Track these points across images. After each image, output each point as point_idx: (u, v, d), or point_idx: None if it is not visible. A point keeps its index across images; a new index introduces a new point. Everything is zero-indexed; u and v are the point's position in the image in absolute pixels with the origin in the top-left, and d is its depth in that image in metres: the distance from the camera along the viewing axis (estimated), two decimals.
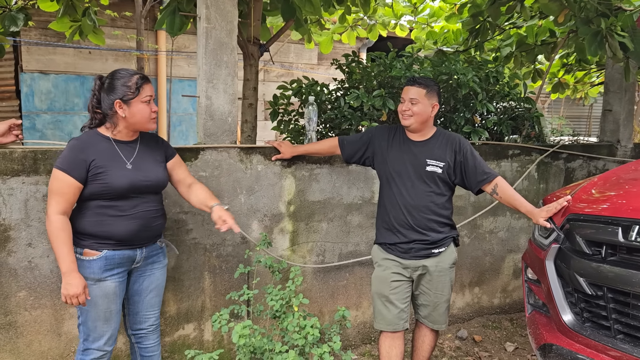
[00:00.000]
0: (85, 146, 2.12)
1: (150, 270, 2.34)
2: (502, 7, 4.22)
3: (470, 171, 2.58)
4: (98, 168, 2.10)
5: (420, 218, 2.54)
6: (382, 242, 2.66)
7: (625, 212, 2.07)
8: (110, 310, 2.19)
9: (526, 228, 3.91)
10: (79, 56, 7.01)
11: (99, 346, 2.20)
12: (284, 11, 3.73)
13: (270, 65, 8.16)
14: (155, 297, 2.39)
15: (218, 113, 2.80)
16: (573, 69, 6.10)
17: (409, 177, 2.56)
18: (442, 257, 2.59)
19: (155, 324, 2.42)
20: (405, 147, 2.61)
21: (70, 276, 2.05)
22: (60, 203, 2.06)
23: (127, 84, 2.13)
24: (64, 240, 2.06)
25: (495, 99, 3.90)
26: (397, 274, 2.59)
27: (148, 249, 2.29)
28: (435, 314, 2.65)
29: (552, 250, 2.36)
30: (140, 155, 2.25)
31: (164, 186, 2.33)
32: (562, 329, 2.24)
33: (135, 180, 2.16)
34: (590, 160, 4.15)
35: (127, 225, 2.16)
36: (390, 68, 3.60)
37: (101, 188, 2.11)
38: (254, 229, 2.96)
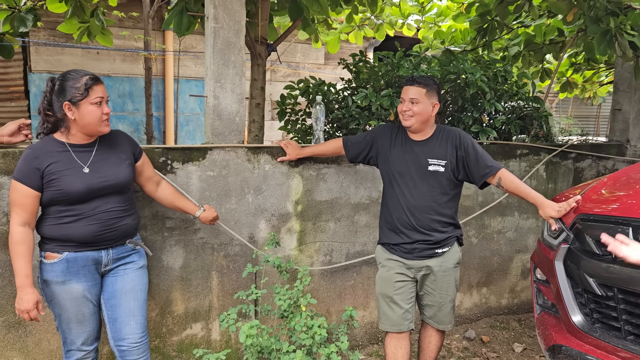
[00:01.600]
0: (38, 154, 2.08)
1: (122, 271, 2.27)
2: (510, 6, 4.20)
3: (472, 165, 2.53)
4: (52, 174, 2.06)
5: (423, 219, 2.53)
6: (385, 243, 2.65)
7: (636, 212, 2.06)
8: (82, 313, 2.16)
9: (534, 228, 3.89)
10: (87, 57, 7.04)
11: (78, 347, 2.20)
12: (291, 11, 3.73)
13: (277, 65, 8.16)
14: (133, 301, 2.27)
15: (226, 113, 2.81)
16: (582, 68, 6.06)
17: (411, 178, 2.54)
18: (446, 257, 2.57)
19: (140, 342, 2.27)
20: (407, 147, 2.59)
21: (22, 291, 2.04)
22: (20, 214, 2.06)
23: (76, 86, 2.07)
24: (22, 254, 2.04)
25: (504, 99, 3.88)
26: (401, 274, 2.58)
27: (115, 251, 2.23)
28: (440, 314, 2.64)
29: (561, 251, 2.34)
30: (100, 156, 2.19)
31: (127, 185, 2.26)
32: (572, 330, 2.23)
33: (92, 184, 2.11)
34: (600, 160, 4.11)
35: (86, 227, 2.12)
36: (397, 67, 3.59)
37: (56, 194, 2.08)
38: (262, 229, 2.97)
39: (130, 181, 2.29)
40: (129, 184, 2.29)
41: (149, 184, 2.45)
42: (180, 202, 2.53)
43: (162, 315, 2.79)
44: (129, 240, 2.29)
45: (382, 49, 7.84)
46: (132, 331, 2.25)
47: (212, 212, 2.61)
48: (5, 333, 2.46)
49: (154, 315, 2.77)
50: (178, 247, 2.77)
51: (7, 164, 2.36)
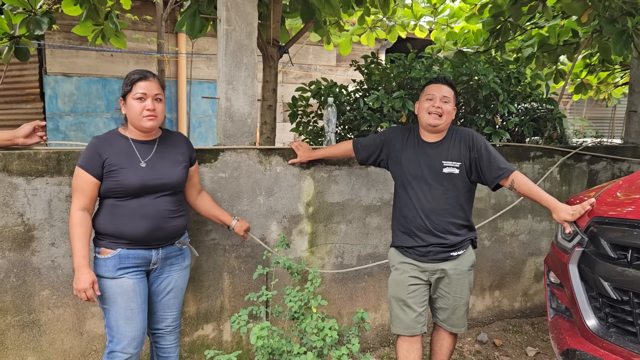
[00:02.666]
0: (102, 144, 2.20)
1: (168, 272, 2.36)
2: (523, 7, 4.18)
3: (485, 167, 2.49)
4: (112, 166, 2.16)
5: (439, 221, 2.50)
6: (399, 246, 2.61)
7: None
8: (130, 309, 2.21)
9: (548, 231, 3.85)
10: (101, 59, 7.11)
11: (122, 348, 2.21)
12: (303, 13, 3.73)
13: (289, 67, 8.18)
14: (173, 298, 2.40)
15: (238, 114, 2.82)
16: (596, 70, 5.99)
17: (425, 181, 2.50)
18: (460, 260, 2.54)
19: (173, 325, 2.44)
20: (420, 149, 2.55)
21: (79, 271, 2.11)
22: (81, 199, 2.16)
23: (126, 82, 2.21)
24: (80, 236, 2.13)
25: (517, 100, 3.85)
26: (415, 277, 2.55)
27: (165, 251, 2.31)
28: (454, 317, 2.61)
29: (575, 254, 2.31)
30: (159, 154, 2.28)
31: (179, 186, 2.33)
32: (586, 334, 2.20)
33: (146, 179, 2.19)
34: (615, 162, 4.06)
35: (138, 224, 2.19)
36: (410, 69, 3.58)
37: (113, 185, 2.17)
38: (273, 230, 2.97)
39: (183, 182, 2.36)
40: (182, 185, 2.37)
41: (192, 190, 2.51)
42: (219, 212, 2.61)
43: None
44: (178, 240, 2.37)
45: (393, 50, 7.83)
46: (167, 323, 2.42)
47: (245, 224, 2.68)
48: (20, 332, 2.49)
49: None
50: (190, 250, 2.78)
51: (22, 166, 2.39)
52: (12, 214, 2.40)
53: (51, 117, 6.96)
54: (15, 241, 2.42)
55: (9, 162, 2.37)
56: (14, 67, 6.56)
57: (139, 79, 2.19)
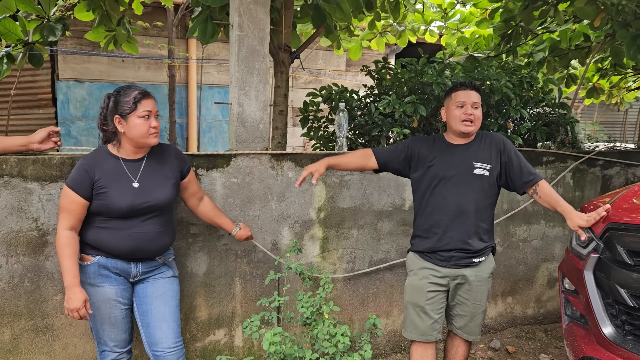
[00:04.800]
0: (92, 164, 2.18)
1: (152, 280, 2.34)
2: (535, 12, 4.16)
3: (515, 172, 2.49)
4: (102, 187, 2.16)
5: (467, 224, 2.46)
6: (419, 250, 2.58)
7: None
8: (114, 316, 2.23)
9: (561, 237, 3.81)
10: (113, 64, 7.17)
11: (111, 347, 2.26)
12: (314, 18, 3.74)
13: (299, 72, 8.20)
14: (164, 306, 2.32)
15: (250, 120, 2.82)
16: (608, 74, 5.94)
17: (455, 182, 2.47)
18: (481, 267, 2.52)
19: (175, 348, 2.30)
20: (449, 151, 2.53)
21: (71, 290, 2.10)
22: (68, 219, 2.15)
23: (125, 100, 2.17)
24: (68, 255, 2.12)
25: (529, 105, 3.83)
26: (434, 284, 2.52)
27: (145, 265, 2.30)
28: (472, 324, 2.58)
29: (591, 260, 2.29)
30: (147, 171, 2.26)
31: (168, 206, 2.32)
32: (602, 342, 2.17)
33: (134, 204, 2.18)
34: (628, 167, 4.02)
35: (120, 243, 2.19)
36: (421, 74, 3.57)
37: (101, 207, 2.17)
38: (285, 236, 2.97)
39: (172, 201, 2.35)
40: (170, 205, 2.35)
41: (191, 199, 2.52)
42: (220, 219, 2.60)
43: (186, 321, 2.80)
44: (159, 257, 2.35)
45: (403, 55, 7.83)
46: (164, 336, 2.29)
47: (247, 231, 2.70)
48: (33, 337, 2.50)
49: None
50: (202, 253, 2.79)
51: (36, 171, 2.41)
52: (26, 219, 2.41)
53: (63, 122, 7.01)
54: (30, 246, 2.44)
55: (24, 167, 2.39)
56: (26, 72, 6.62)
57: (142, 97, 2.18)
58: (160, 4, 5.31)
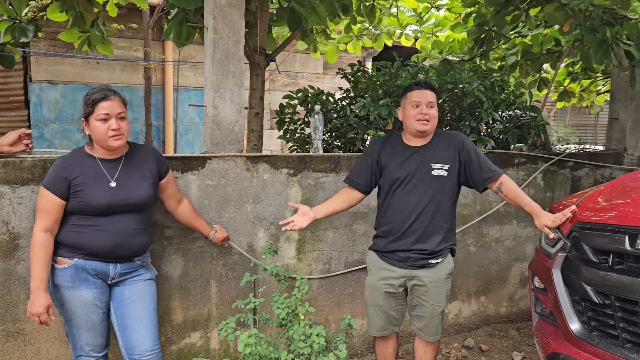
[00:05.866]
0: (68, 164, 2.18)
1: (130, 282, 2.32)
2: (507, 17, 4.24)
3: (475, 169, 2.54)
4: (79, 186, 2.15)
5: (425, 224, 2.51)
6: (378, 250, 2.64)
7: (632, 220, 2.07)
8: (91, 320, 2.21)
9: (532, 237, 3.90)
10: (87, 66, 7.08)
11: (88, 352, 2.24)
12: (290, 21, 3.76)
13: (276, 75, 8.21)
14: (142, 309, 2.30)
15: (225, 122, 2.83)
16: (579, 78, 6.09)
17: (414, 184, 2.51)
18: (438, 268, 2.56)
19: (152, 351, 2.28)
20: (407, 153, 2.56)
21: (35, 294, 2.09)
22: (44, 220, 2.14)
23: (86, 102, 2.17)
24: (40, 258, 2.10)
25: (501, 108, 3.90)
26: (390, 285, 2.59)
27: (123, 266, 2.29)
28: (431, 325, 2.63)
29: (559, 259, 2.35)
30: (125, 171, 2.26)
31: (147, 204, 2.32)
32: (570, 338, 2.23)
33: (113, 200, 2.18)
34: (597, 168, 4.13)
35: (101, 240, 2.18)
36: (395, 77, 3.62)
37: (79, 205, 2.16)
38: (261, 238, 2.97)
39: (150, 200, 2.35)
40: (149, 203, 2.35)
41: (169, 201, 2.52)
42: (197, 223, 2.63)
43: (161, 324, 2.78)
44: (137, 258, 2.35)
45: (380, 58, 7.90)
46: (142, 339, 2.27)
47: (223, 233, 2.74)
48: (4, 342, 2.46)
49: None
50: (177, 255, 2.78)
51: (7, 174, 2.37)
52: None
53: (36, 124, 6.90)
54: (0, 250, 2.40)
55: None
56: None
57: (100, 99, 2.16)
58: (135, 5, 5.27)
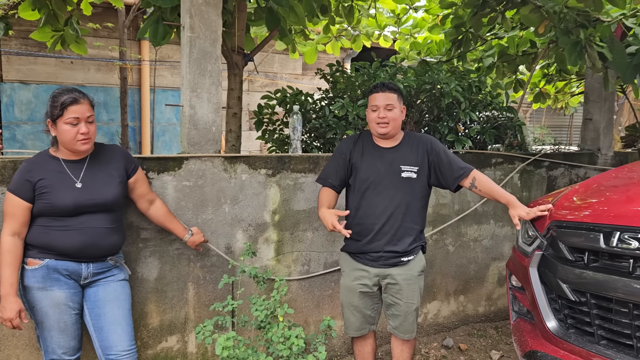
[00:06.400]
0: (33, 167, 2.17)
1: (104, 283, 2.29)
2: (483, 19, 4.28)
3: (445, 169, 2.57)
4: (44, 188, 2.13)
5: (396, 226, 2.54)
6: (350, 251, 2.65)
7: (607, 219, 2.10)
8: (64, 321, 2.17)
9: (510, 236, 3.94)
10: (61, 66, 6.94)
11: (59, 355, 2.19)
12: (268, 21, 3.74)
13: (255, 75, 8.16)
14: (118, 309, 2.28)
15: (202, 122, 2.79)
16: (554, 79, 6.19)
17: (384, 186, 2.54)
18: (410, 265, 2.59)
19: (129, 351, 2.27)
20: (377, 154, 2.58)
21: (6, 299, 2.07)
22: (11, 224, 2.12)
23: (54, 104, 2.15)
24: (9, 262, 2.09)
25: (478, 108, 3.94)
26: (365, 285, 2.60)
27: (96, 266, 2.25)
28: (406, 323, 2.65)
29: (535, 257, 2.37)
30: (90, 171, 2.24)
31: (116, 203, 2.29)
32: (547, 336, 2.25)
33: (80, 200, 2.16)
34: (572, 168, 4.20)
35: (69, 239, 2.15)
36: (374, 78, 3.63)
37: (45, 207, 2.14)
38: (239, 239, 2.94)
39: (120, 200, 2.32)
40: (119, 203, 2.32)
41: (141, 201, 2.49)
42: (171, 225, 2.58)
43: (137, 328, 2.73)
44: (110, 258, 2.31)
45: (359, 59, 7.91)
46: (119, 339, 2.25)
47: (200, 237, 2.67)
48: None
49: None
50: (153, 258, 2.73)
51: None
52: None
53: (7, 125, 6.73)
54: None
55: None
56: None
57: (70, 102, 2.13)
58: (110, 4, 5.18)
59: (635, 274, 1.91)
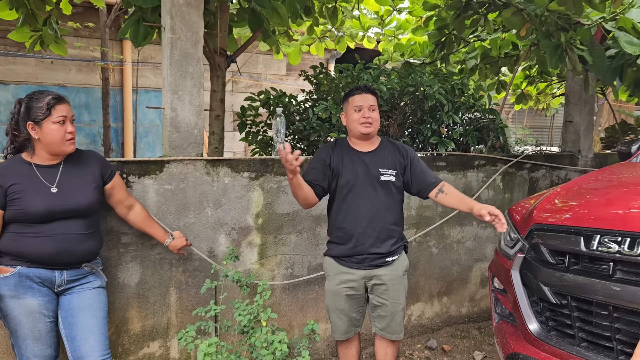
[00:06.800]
0: (5, 172, 2.13)
1: (79, 290, 2.25)
2: (466, 21, 4.31)
3: (418, 176, 2.63)
4: (15, 193, 2.09)
5: (378, 228, 2.56)
6: (335, 255, 2.65)
7: (587, 222, 2.12)
8: (38, 330, 2.12)
9: (492, 237, 3.96)
10: (41, 66, 6.82)
11: None
12: (251, 22, 3.71)
13: (239, 76, 8.11)
14: (91, 317, 2.23)
15: (184, 125, 2.76)
16: (535, 81, 6.26)
17: (364, 189, 2.56)
18: (395, 265, 2.62)
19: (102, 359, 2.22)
20: (356, 158, 2.60)
21: None
22: None
23: (38, 105, 2.11)
24: None
25: (461, 110, 3.96)
26: (351, 287, 2.61)
27: (70, 273, 2.21)
28: (393, 324, 2.67)
29: (517, 260, 2.39)
30: (65, 177, 2.20)
31: (91, 209, 2.25)
32: (529, 338, 2.27)
33: (52, 206, 2.12)
34: (553, 170, 4.24)
35: (43, 247, 2.11)
36: (357, 80, 3.62)
37: (17, 213, 2.10)
38: (222, 243, 2.91)
39: (95, 205, 2.27)
40: (94, 208, 2.27)
41: (119, 207, 2.45)
42: (151, 229, 2.55)
43: (118, 334, 2.69)
44: (85, 264, 2.26)
45: (343, 60, 7.92)
46: (91, 349, 2.20)
47: (182, 241, 2.62)
48: None
49: (109, 335, 2.66)
50: (134, 263, 2.69)
51: None
52: None
53: None
54: None
55: None
56: None
57: (56, 102, 2.12)
58: (91, 4, 5.11)
59: (615, 276, 1.93)
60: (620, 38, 3.64)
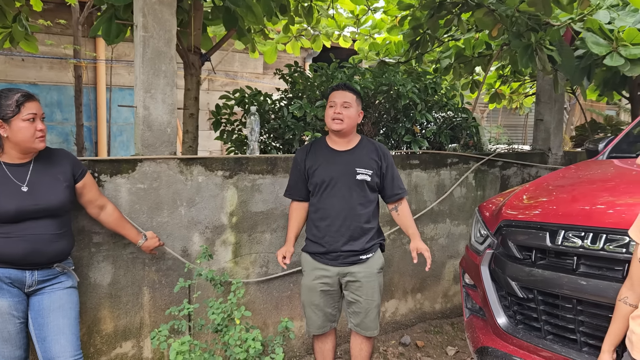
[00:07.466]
0: None
1: (50, 291, 2.22)
2: (440, 20, 4.36)
3: (388, 182, 2.68)
4: None
5: (352, 227, 2.59)
6: (310, 251, 2.70)
7: (553, 218, 2.18)
8: (7, 331, 2.10)
9: (465, 234, 4.03)
10: (11, 64, 6.69)
11: None
12: (225, 20, 3.70)
13: (215, 75, 8.07)
14: (62, 318, 2.20)
15: (156, 123, 2.74)
16: (508, 80, 6.37)
17: (339, 188, 2.59)
18: (369, 263, 2.65)
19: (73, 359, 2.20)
20: (332, 158, 2.64)
21: None
22: None
23: (7, 103, 2.08)
24: None
25: (434, 109, 4.01)
26: (325, 283, 2.65)
27: (41, 273, 2.18)
28: (367, 320, 2.70)
29: (486, 256, 2.44)
30: (35, 175, 2.17)
31: (62, 209, 2.22)
32: (497, 332, 2.32)
33: (22, 206, 2.09)
34: (524, 167, 4.33)
35: (12, 247, 2.08)
36: (332, 78, 3.64)
37: None
38: (195, 242, 2.91)
39: (66, 205, 2.25)
40: (65, 208, 2.25)
41: (90, 207, 2.42)
42: (123, 230, 2.53)
43: (90, 334, 2.67)
44: (57, 264, 2.23)
45: (320, 59, 7.93)
46: (62, 349, 2.17)
47: (154, 242, 2.61)
48: None
49: (81, 335, 2.63)
50: (106, 262, 2.67)
51: None
52: None
53: None
54: None
55: None
56: None
57: (25, 99, 2.09)
58: (63, 1, 5.03)
59: (579, 270, 1.99)
60: (588, 39, 3.72)
